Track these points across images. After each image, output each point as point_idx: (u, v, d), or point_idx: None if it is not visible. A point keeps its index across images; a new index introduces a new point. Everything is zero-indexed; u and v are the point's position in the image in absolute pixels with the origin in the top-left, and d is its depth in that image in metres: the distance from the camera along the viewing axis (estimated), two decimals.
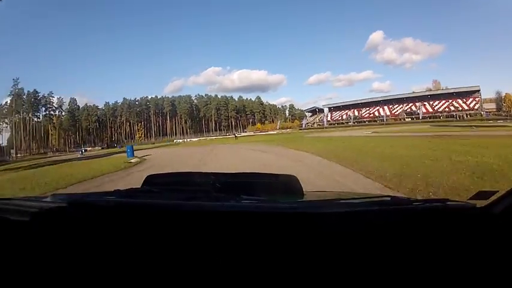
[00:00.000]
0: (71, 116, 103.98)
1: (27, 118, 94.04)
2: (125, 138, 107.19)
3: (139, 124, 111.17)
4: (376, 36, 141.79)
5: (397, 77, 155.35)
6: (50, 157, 54.10)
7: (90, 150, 72.78)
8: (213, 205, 1.11)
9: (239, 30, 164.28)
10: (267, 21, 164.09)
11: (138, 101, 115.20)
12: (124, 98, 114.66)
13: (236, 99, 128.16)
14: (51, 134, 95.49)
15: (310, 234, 0.97)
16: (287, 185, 1.50)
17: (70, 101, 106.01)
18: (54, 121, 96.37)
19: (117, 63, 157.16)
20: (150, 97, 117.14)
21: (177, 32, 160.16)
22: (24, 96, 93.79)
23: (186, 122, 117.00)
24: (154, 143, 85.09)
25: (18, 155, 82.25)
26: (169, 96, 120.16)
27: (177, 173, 1.68)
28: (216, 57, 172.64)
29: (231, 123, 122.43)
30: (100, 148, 79.46)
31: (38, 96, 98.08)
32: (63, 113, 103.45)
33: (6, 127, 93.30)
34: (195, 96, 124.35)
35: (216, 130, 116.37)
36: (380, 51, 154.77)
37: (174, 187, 1.45)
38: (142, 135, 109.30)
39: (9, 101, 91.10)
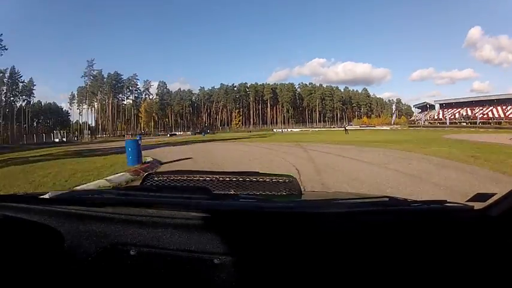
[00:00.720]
0: (160, 99, 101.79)
1: (108, 100, 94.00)
2: (221, 125, 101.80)
3: (237, 111, 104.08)
4: (475, 32, 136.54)
5: (495, 77, 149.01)
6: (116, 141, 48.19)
7: (180, 135, 69.79)
8: (211, 203, 1.12)
9: (344, 21, 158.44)
10: (370, 14, 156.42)
11: (236, 87, 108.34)
12: (221, 84, 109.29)
13: (342, 90, 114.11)
14: (140, 117, 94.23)
15: (307, 233, 0.98)
16: (286, 185, 1.49)
17: (159, 84, 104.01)
18: (141, 104, 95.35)
19: (216, 50, 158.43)
20: (249, 83, 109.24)
21: (282, 21, 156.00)
22: (105, 79, 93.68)
23: (288, 111, 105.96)
24: (251, 131, 79.18)
25: (99, 135, 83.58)
26: (271, 83, 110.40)
27: (176, 171, 1.59)
28: (320, 49, 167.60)
29: (336, 115, 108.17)
30: (190, 134, 76.35)
31: (121, 78, 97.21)
32: (151, 97, 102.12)
33: (87, 109, 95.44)
34: (299, 84, 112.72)
35: (319, 121, 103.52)
36: (479, 48, 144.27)
37: (173, 185, 1.46)
38: (240, 123, 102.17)
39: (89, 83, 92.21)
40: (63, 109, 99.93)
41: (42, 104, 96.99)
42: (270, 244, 0.95)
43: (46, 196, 1.28)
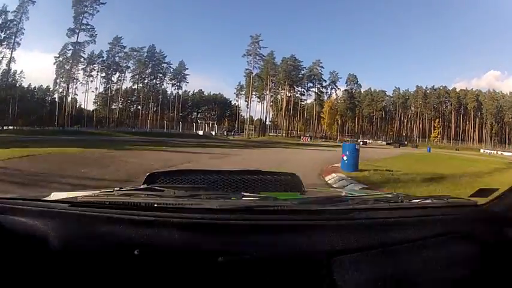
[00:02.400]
0: (349, 97, 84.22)
1: (283, 91, 79.06)
2: (417, 137, 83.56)
3: (436, 120, 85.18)
4: None
5: None
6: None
7: (370, 144, 60.07)
8: (213, 202, 1.13)
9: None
10: None
11: (436, 89, 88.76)
12: (417, 86, 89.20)
13: None
14: (322, 118, 77.83)
15: (312, 231, 0.98)
16: (288, 182, 1.52)
17: (348, 78, 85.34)
18: (325, 101, 79.37)
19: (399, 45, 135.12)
20: (450, 87, 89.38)
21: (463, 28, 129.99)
22: (278, 64, 77.59)
23: (491, 127, 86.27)
24: (458, 149, 61.21)
25: (271, 133, 75.68)
26: (474, 89, 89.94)
27: (179, 170, 1.63)
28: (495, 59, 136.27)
29: None
30: (384, 143, 65.63)
31: (300, 65, 79.50)
32: (338, 93, 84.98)
33: (257, 101, 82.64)
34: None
35: None
36: None
37: (175, 185, 1.45)
38: (439, 136, 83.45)
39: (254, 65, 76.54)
40: (231, 102, 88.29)
41: (205, 93, 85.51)
42: (275, 242, 0.94)
43: (49, 197, 1.28)
